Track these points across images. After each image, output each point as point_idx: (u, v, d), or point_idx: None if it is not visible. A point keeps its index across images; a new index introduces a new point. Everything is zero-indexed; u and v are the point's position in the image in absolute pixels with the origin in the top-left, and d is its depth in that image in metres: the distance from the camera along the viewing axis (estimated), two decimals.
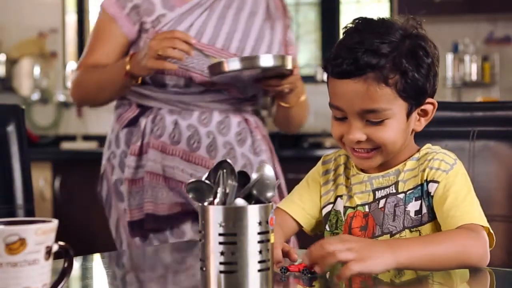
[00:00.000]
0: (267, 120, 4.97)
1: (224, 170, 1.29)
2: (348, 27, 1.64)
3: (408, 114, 1.62)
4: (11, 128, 2.13)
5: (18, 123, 2.17)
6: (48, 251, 1.12)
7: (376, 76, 1.56)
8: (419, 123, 1.66)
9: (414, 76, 1.59)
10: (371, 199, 1.66)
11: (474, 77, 4.94)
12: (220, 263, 1.24)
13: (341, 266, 1.40)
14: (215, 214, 1.24)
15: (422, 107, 1.65)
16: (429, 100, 1.64)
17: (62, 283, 1.19)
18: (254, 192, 1.29)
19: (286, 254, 1.52)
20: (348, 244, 1.40)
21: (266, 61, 2.11)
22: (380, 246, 1.44)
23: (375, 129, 1.60)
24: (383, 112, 1.59)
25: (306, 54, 5.56)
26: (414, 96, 1.61)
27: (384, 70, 1.56)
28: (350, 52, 1.57)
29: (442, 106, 1.68)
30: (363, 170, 1.69)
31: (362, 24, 1.63)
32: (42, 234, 1.11)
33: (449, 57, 4.90)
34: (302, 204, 1.74)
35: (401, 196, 1.64)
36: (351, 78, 1.58)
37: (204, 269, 1.26)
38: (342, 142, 1.65)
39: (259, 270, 1.25)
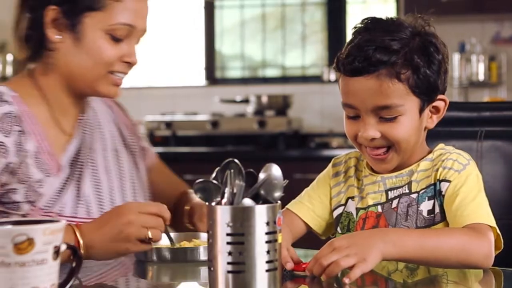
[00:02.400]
0: (270, 120, 4.98)
1: (232, 170, 1.29)
2: (357, 27, 1.64)
3: (421, 111, 1.63)
4: None
5: None
6: (56, 251, 1.12)
7: (388, 72, 1.57)
8: (431, 120, 1.66)
9: (425, 72, 1.59)
10: (384, 199, 1.66)
11: (481, 77, 4.93)
12: (228, 263, 1.24)
13: (340, 277, 1.40)
14: (222, 214, 1.24)
15: (434, 104, 1.65)
16: (440, 96, 1.65)
17: (70, 282, 1.20)
18: (262, 192, 1.29)
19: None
20: (343, 251, 1.40)
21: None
22: (373, 239, 1.44)
23: (389, 126, 1.60)
24: (396, 108, 1.59)
25: (313, 54, 5.56)
26: (426, 92, 1.61)
27: (396, 66, 1.57)
28: (361, 50, 1.58)
29: (449, 106, 1.68)
30: (376, 171, 1.70)
31: (372, 23, 1.64)
32: (50, 234, 1.11)
33: (456, 57, 4.90)
34: (312, 206, 1.74)
35: (414, 196, 1.64)
36: (363, 75, 1.58)
37: (212, 269, 1.26)
38: (357, 142, 1.65)
39: (266, 270, 1.25)
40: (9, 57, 5.53)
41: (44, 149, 1.77)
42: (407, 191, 1.65)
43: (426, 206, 1.63)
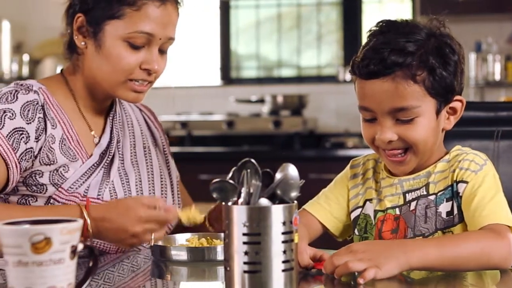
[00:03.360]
0: (286, 120, 4.98)
1: (248, 170, 1.29)
2: (372, 30, 1.64)
3: (438, 112, 1.62)
4: None
5: None
6: (73, 250, 1.13)
7: (404, 74, 1.57)
8: (448, 122, 1.66)
9: (441, 73, 1.59)
10: (401, 201, 1.66)
11: (497, 76, 4.91)
12: (244, 263, 1.24)
13: (357, 275, 1.40)
14: (239, 214, 1.25)
15: (451, 105, 1.65)
16: (457, 97, 1.65)
17: (87, 282, 1.20)
18: (278, 192, 1.29)
19: (319, 258, 1.52)
20: (358, 255, 1.41)
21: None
22: (392, 250, 1.44)
23: (406, 128, 1.60)
24: (413, 110, 1.59)
25: (328, 54, 5.55)
26: (443, 93, 1.61)
27: (411, 68, 1.57)
28: (376, 52, 1.58)
29: (466, 106, 1.68)
30: (393, 173, 1.69)
31: (387, 26, 1.64)
32: (67, 233, 1.11)
33: (472, 56, 4.88)
34: (329, 208, 1.74)
35: (432, 197, 1.63)
36: (379, 78, 1.58)
37: (228, 269, 1.26)
38: (375, 145, 1.65)
39: (283, 270, 1.25)
40: (25, 57, 5.56)
41: (72, 137, 1.85)
42: (425, 193, 1.64)
43: (444, 207, 1.62)
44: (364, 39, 1.66)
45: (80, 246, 1.15)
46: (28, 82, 1.86)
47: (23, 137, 1.78)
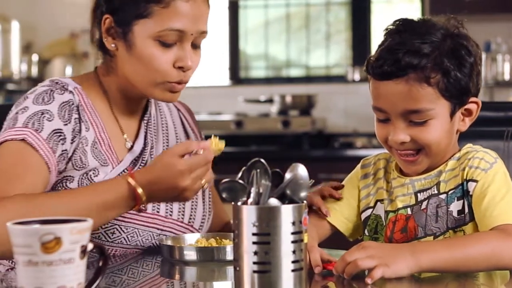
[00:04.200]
0: (294, 119, 4.98)
1: (258, 170, 1.29)
2: (388, 29, 1.64)
3: (452, 114, 1.61)
4: None
5: None
6: (83, 250, 1.13)
7: (418, 76, 1.56)
8: (463, 123, 1.65)
9: (456, 75, 1.58)
10: (413, 201, 1.65)
11: (507, 76, 4.90)
12: (254, 263, 1.24)
13: (366, 274, 1.40)
14: (248, 214, 1.24)
15: (466, 107, 1.64)
16: (473, 99, 1.63)
17: (97, 282, 1.20)
18: (288, 192, 1.29)
19: (328, 260, 1.52)
20: (368, 251, 1.42)
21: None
22: (402, 251, 1.44)
23: (419, 129, 1.60)
24: (426, 113, 1.58)
25: (337, 54, 5.54)
26: (457, 95, 1.60)
27: (425, 70, 1.56)
28: (391, 53, 1.58)
29: None
30: (404, 173, 1.69)
31: (403, 25, 1.63)
32: (77, 233, 1.11)
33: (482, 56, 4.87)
34: (339, 208, 1.73)
35: (443, 196, 1.63)
36: (392, 79, 1.58)
37: (237, 268, 1.26)
38: (388, 145, 1.65)
39: (292, 270, 1.25)
40: (35, 57, 5.57)
41: (104, 141, 1.81)
42: (436, 191, 1.64)
43: (455, 206, 1.61)
44: (373, 39, 1.67)
45: (90, 246, 1.15)
46: (64, 81, 1.82)
47: (61, 139, 1.74)
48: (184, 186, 1.65)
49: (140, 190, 1.65)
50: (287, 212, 1.24)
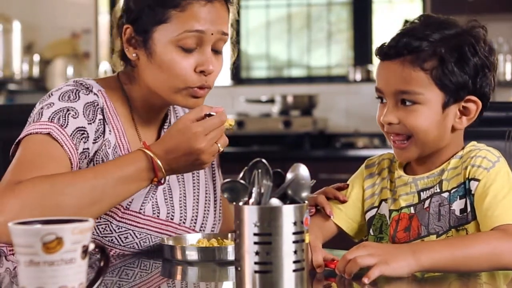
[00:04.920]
0: (296, 120, 4.98)
1: (259, 170, 1.29)
2: (410, 20, 1.68)
3: (444, 106, 1.62)
4: None
5: None
6: (85, 250, 1.13)
7: (413, 59, 1.60)
8: (460, 121, 1.65)
9: (453, 69, 1.60)
10: (416, 200, 1.66)
11: (508, 76, 4.90)
12: (255, 263, 1.24)
13: (366, 270, 1.41)
14: (250, 214, 1.24)
15: (464, 105, 1.63)
16: (472, 98, 1.63)
17: (98, 282, 1.20)
18: (289, 192, 1.29)
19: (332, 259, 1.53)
20: (369, 249, 1.43)
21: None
22: (402, 250, 1.45)
23: (407, 113, 1.62)
24: (416, 96, 1.60)
25: (338, 54, 5.55)
26: (453, 89, 1.61)
27: (421, 54, 1.60)
28: (396, 37, 1.63)
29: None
30: (407, 172, 1.70)
31: (423, 18, 1.68)
32: (78, 233, 1.11)
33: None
34: (344, 208, 1.74)
35: (445, 195, 1.63)
36: (390, 60, 1.62)
37: (239, 269, 1.26)
38: (383, 128, 1.67)
39: (294, 270, 1.24)
40: (36, 58, 5.57)
41: (124, 146, 1.81)
42: (438, 190, 1.64)
43: (458, 205, 1.61)
44: (375, 39, 1.69)
45: (91, 246, 1.15)
46: (88, 82, 1.82)
47: (83, 137, 1.74)
48: (200, 147, 1.66)
49: (158, 161, 1.66)
50: (288, 212, 1.24)
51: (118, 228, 1.78)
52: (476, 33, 1.63)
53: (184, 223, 1.88)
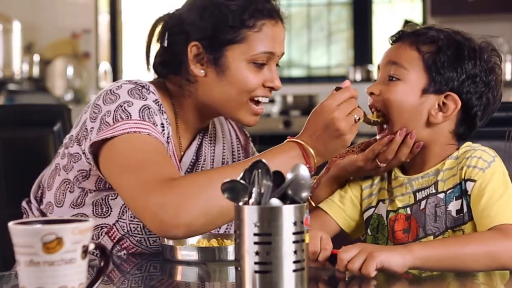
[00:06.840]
0: (296, 120, 4.97)
1: (259, 170, 1.28)
2: (410, 20, 1.75)
3: (423, 91, 1.64)
4: (57, 128, 2.18)
5: (63, 123, 2.22)
6: (85, 250, 1.13)
7: (412, 41, 1.67)
8: (435, 115, 1.65)
9: (444, 62, 1.63)
10: (412, 201, 1.66)
11: (508, 76, 4.90)
12: (255, 263, 1.24)
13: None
14: (250, 214, 1.24)
15: (444, 101, 1.64)
16: (452, 95, 1.64)
17: (98, 282, 1.20)
18: (289, 192, 1.28)
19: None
20: (361, 245, 1.45)
21: None
22: (397, 247, 1.48)
23: (388, 87, 1.66)
24: (401, 70, 1.65)
25: (338, 54, 5.55)
26: (438, 79, 1.64)
27: (422, 37, 1.66)
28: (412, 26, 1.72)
29: None
30: (403, 172, 1.70)
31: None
32: (78, 233, 1.11)
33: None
34: (343, 206, 1.75)
35: (441, 196, 1.63)
36: (395, 43, 1.70)
37: (239, 269, 1.26)
38: None
39: (294, 270, 1.24)
40: (36, 58, 5.57)
41: (170, 148, 1.83)
42: (434, 191, 1.64)
43: (454, 206, 1.62)
44: (375, 39, 1.72)
45: (91, 246, 1.15)
46: (142, 81, 1.83)
47: (163, 133, 1.78)
48: (333, 116, 1.67)
49: (309, 148, 1.69)
50: (288, 212, 1.24)
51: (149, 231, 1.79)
52: (483, 45, 1.67)
53: None
